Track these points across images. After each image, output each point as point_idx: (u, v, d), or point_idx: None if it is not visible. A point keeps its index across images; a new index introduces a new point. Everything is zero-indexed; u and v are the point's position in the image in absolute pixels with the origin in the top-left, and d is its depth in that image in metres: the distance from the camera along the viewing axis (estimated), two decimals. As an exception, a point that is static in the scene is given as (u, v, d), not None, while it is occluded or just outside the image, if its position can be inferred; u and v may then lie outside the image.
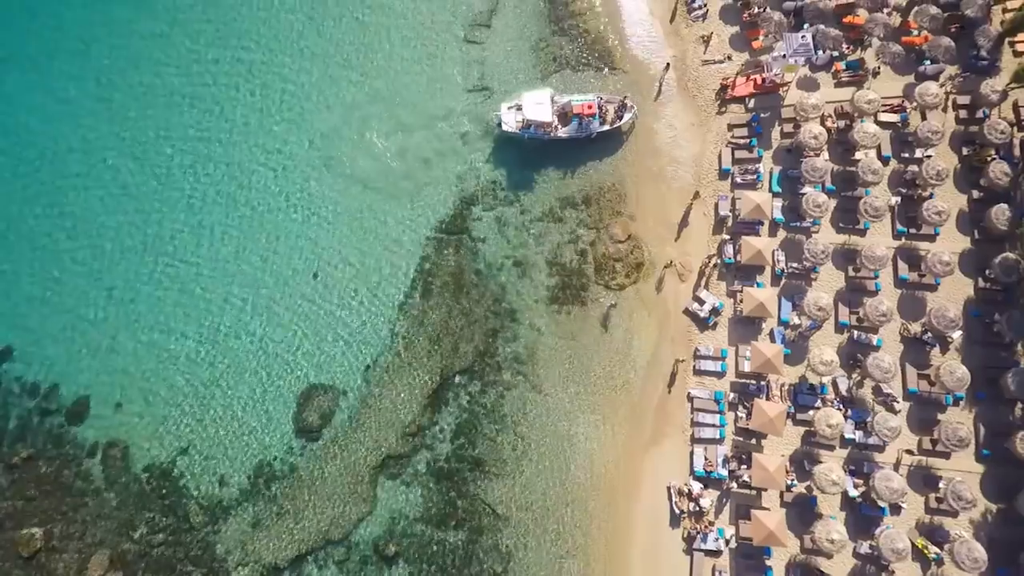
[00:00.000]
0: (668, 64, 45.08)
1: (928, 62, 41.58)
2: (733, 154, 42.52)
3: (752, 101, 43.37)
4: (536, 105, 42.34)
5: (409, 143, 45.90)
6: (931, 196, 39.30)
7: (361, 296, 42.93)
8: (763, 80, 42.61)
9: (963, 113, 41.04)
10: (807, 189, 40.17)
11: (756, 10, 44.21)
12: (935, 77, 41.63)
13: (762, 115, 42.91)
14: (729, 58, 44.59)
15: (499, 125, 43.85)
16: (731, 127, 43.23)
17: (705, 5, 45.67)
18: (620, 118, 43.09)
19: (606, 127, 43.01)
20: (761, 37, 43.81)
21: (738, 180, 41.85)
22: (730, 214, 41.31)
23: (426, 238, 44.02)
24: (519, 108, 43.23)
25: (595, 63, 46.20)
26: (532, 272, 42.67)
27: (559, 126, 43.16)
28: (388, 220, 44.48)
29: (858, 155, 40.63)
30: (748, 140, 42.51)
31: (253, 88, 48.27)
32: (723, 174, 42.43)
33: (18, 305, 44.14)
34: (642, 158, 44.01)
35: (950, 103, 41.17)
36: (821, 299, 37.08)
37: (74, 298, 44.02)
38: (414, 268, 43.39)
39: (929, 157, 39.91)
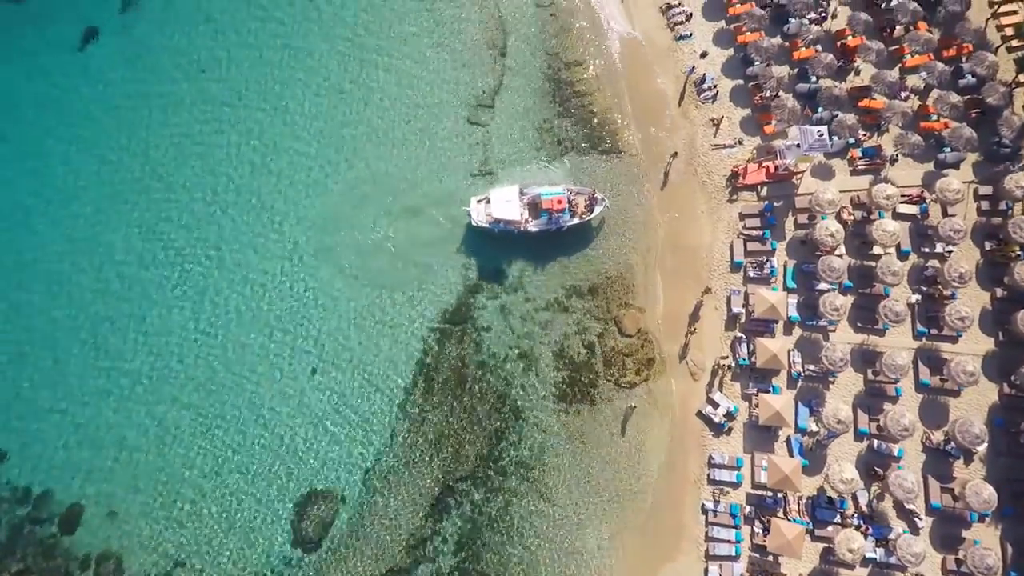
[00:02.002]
0: (675, 153, 43.50)
1: (948, 149, 40.04)
2: (745, 246, 40.99)
3: (764, 189, 41.85)
4: (505, 203, 41.17)
5: (410, 228, 44.54)
6: (953, 296, 37.74)
7: (360, 393, 41.51)
8: (776, 168, 41.09)
9: (985, 204, 39.49)
10: (823, 286, 38.71)
11: (768, 93, 42.66)
12: (955, 165, 40.16)
13: (775, 204, 41.36)
14: (740, 142, 43.02)
15: (469, 218, 42.53)
16: (743, 216, 41.66)
17: (715, 87, 44.06)
18: (591, 211, 41.66)
19: (576, 220, 41.62)
20: (774, 122, 42.22)
21: (751, 274, 40.34)
22: (743, 310, 39.78)
23: (428, 329, 42.67)
24: (488, 202, 41.92)
25: (600, 146, 44.73)
26: (538, 366, 41.23)
27: (529, 219, 41.80)
28: (388, 310, 43.13)
29: (876, 249, 39.13)
30: (761, 232, 40.94)
31: (257, 164, 47.26)
32: (735, 267, 40.91)
33: (12, 408, 42.86)
34: (649, 247, 42.59)
35: (971, 193, 39.61)
36: (840, 411, 35.51)
37: (69, 401, 42.69)
38: (415, 362, 41.99)
39: (950, 253, 38.42)
